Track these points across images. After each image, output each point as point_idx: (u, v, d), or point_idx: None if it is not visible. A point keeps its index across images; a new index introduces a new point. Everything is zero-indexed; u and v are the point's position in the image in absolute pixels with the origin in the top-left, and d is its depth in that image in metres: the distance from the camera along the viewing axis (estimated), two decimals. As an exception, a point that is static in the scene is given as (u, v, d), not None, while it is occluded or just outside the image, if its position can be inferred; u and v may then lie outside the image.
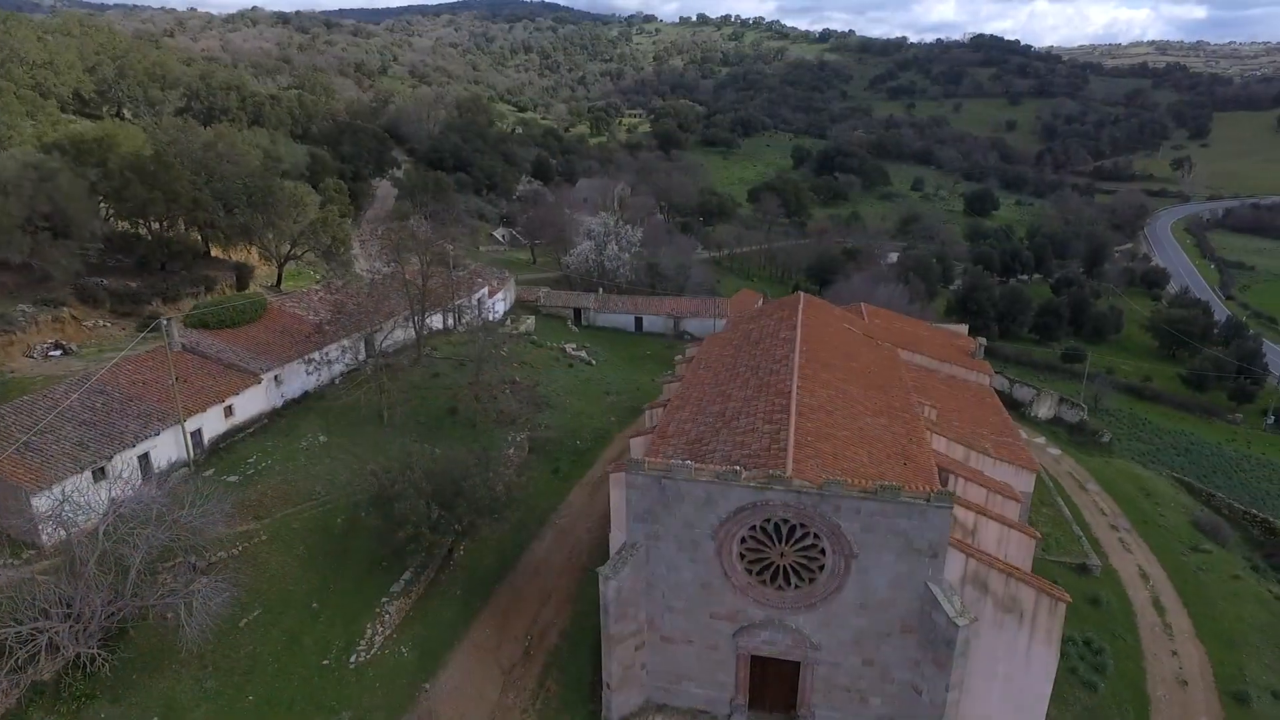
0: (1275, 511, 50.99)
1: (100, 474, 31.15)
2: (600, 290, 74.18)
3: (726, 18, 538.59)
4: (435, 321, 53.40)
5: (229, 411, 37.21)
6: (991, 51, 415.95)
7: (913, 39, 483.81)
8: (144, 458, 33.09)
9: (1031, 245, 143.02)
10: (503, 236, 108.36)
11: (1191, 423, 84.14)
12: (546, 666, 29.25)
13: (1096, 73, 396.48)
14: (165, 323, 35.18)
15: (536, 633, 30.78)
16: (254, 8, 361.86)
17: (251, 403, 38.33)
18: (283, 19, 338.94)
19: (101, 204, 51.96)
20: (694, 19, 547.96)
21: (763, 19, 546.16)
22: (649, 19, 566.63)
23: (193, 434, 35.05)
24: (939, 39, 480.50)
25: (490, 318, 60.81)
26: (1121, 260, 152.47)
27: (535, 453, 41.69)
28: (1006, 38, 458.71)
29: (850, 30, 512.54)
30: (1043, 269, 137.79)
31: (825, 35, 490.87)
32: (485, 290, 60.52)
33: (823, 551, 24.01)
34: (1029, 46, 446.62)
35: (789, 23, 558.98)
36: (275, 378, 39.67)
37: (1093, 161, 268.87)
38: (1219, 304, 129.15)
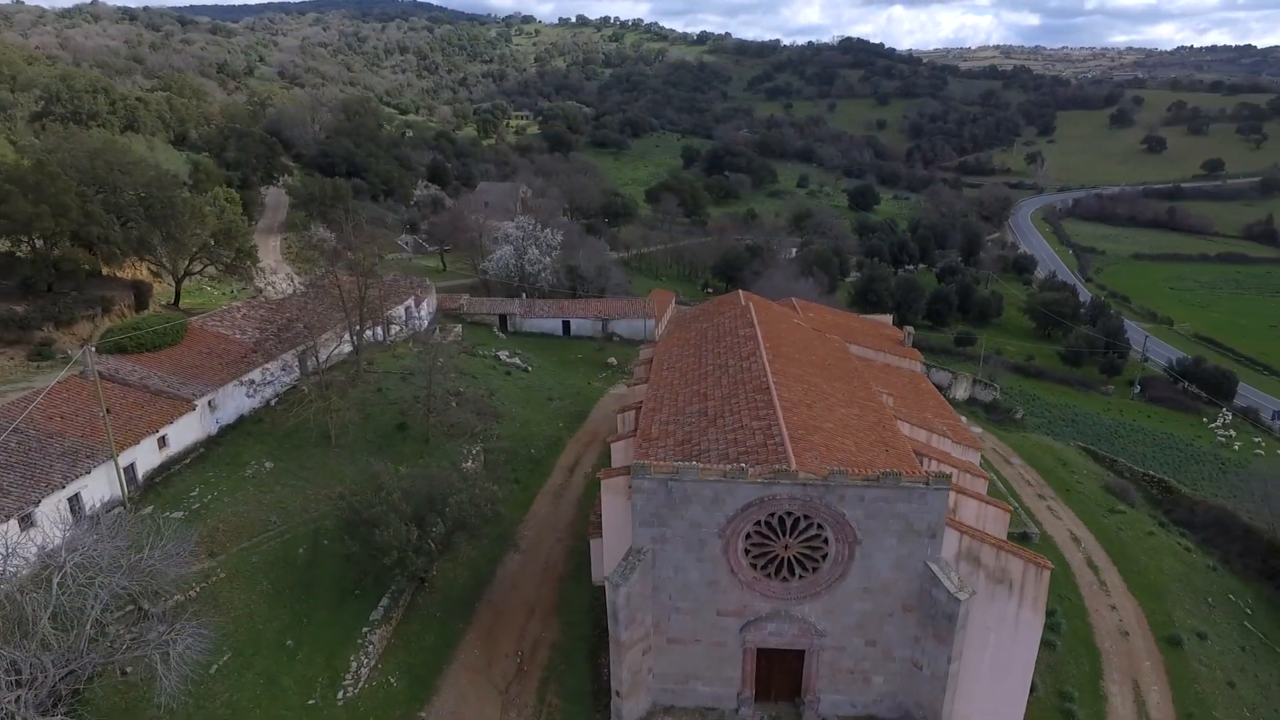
0: (1164, 472, 56.50)
1: (28, 521, 28.05)
2: (524, 295, 73.14)
3: (606, 19, 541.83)
4: (366, 334, 51.09)
5: (163, 442, 34.33)
6: (859, 54, 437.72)
7: (785, 42, 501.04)
8: (74, 499, 30.04)
9: (915, 237, 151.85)
10: (407, 243, 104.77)
11: (1072, 395, 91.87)
12: (544, 680, 28.70)
13: (954, 74, 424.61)
14: (87, 350, 31.97)
15: (527, 647, 30.13)
16: (94, 2, 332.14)
17: (186, 431, 35.50)
18: (129, 15, 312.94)
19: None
20: (573, 20, 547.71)
21: (641, 21, 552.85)
22: (527, 19, 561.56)
23: (125, 469, 32.12)
24: (810, 42, 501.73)
25: (418, 327, 58.85)
26: (994, 249, 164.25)
27: (491, 464, 40.70)
28: (871, 41, 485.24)
29: (726, 33, 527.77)
30: (927, 259, 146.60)
31: (703, 37, 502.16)
32: (411, 300, 58.43)
33: (825, 541, 24.75)
34: (892, 49, 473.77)
35: (666, 24, 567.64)
36: (209, 403, 36.88)
37: (957, 157, 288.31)
38: (1081, 286, 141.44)
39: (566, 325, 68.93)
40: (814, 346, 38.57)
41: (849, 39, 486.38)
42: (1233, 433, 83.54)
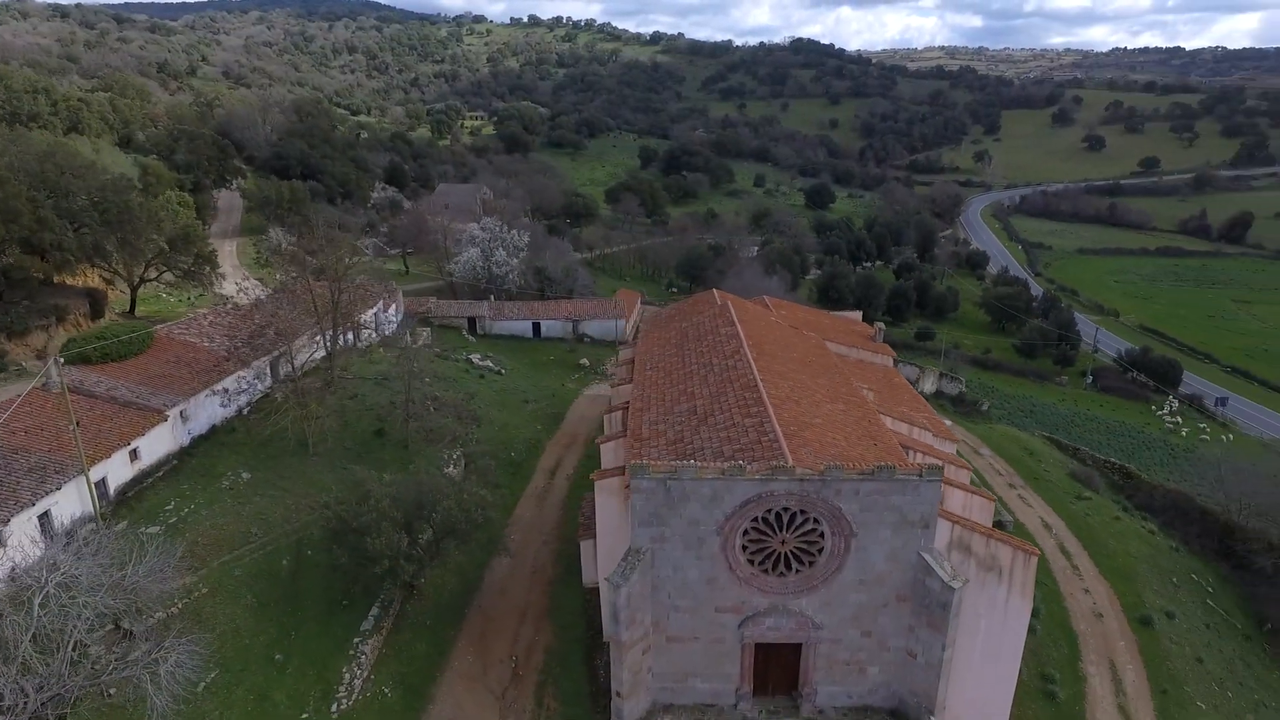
0: (1119, 459, 58.57)
1: (-3, 541, 26.87)
2: (492, 297, 72.54)
3: (558, 19, 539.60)
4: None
5: (134, 455, 33.19)
6: (810, 55, 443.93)
7: (737, 42, 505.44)
8: (44, 517, 28.88)
9: (871, 235, 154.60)
10: (367, 247, 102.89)
11: (1028, 387, 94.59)
12: (540, 685, 28.56)
13: (902, 75, 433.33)
14: (55, 361, 30.71)
15: (521, 652, 29.95)
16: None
17: (158, 443, 34.38)
18: (60, 12, 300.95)
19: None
20: (525, 20, 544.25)
21: (594, 21, 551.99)
22: (479, 19, 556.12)
23: (96, 484, 30.97)
24: (761, 42, 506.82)
25: (387, 332, 57.95)
26: (947, 245, 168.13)
27: (480, 469, 40.31)
28: (821, 41, 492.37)
29: (679, 33, 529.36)
30: (884, 256, 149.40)
31: (656, 37, 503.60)
32: (380, 303, 57.45)
33: (821, 535, 25.11)
34: (842, 50, 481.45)
35: (619, 25, 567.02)
36: (181, 413, 35.77)
37: (908, 156, 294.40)
38: (1032, 281, 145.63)
39: (537, 327, 68.55)
40: (794, 344, 39.06)
41: (800, 39, 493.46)
42: (1179, 420, 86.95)
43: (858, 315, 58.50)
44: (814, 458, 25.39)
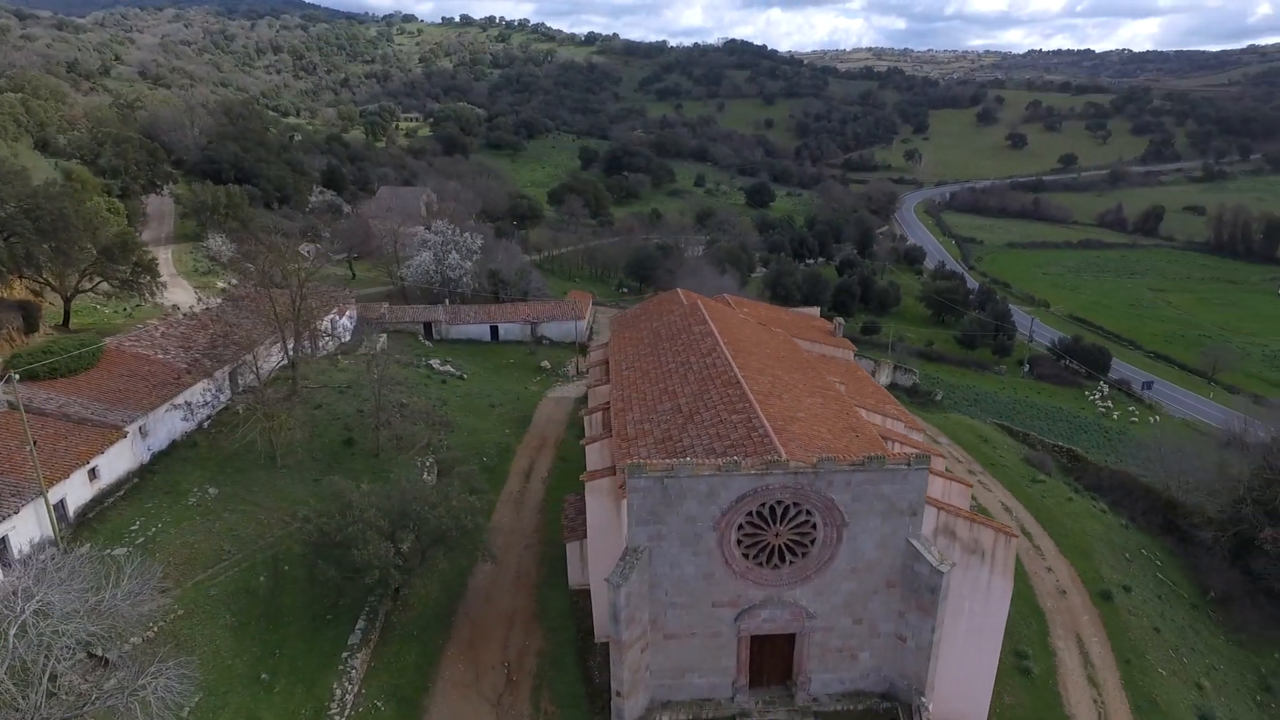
0: (1070, 442, 61.37)
1: (-48, 571, 25.35)
2: (446, 301, 71.49)
3: (491, 19, 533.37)
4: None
5: (94, 474, 31.68)
6: (744, 55, 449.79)
7: (672, 43, 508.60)
8: (1, 543, 27.33)
9: (813, 232, 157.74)
10: (309, 252, 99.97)
11: (970, 376, 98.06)
12: (535, 688, 28.42)
13: (833, 75, 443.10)
14: (10, 378, 28.96)
15: (513, 658, 29.71)
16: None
17: (118, 461, 32.88)
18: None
19: None
20: (457, 20, 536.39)
21: (527, 21, 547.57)
22: (409, 18, 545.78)
23: (55, 506, 29.45)
24: (696, 43, 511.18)
25: (343, 339, 56.64)
26: (885, 241, 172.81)
27: (445, 475, 39.74)
28: (754, 43, 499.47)
29: (614, 34, 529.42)
30: (825, 253, 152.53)
31: (591, 38, 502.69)
32: (335, 310, 56.04)
33: (814, 526, 25.66)
34: (774, 51, 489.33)
35: (552, 25, 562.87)
36: (140, 429, 34.26)
37: (842, 154, 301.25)
38: (967, 275, 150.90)
39: (495, 330, 67.87)
40: (765, 340, 39.72)
41: (733, 41, 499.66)
42: (1110, 404, 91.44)
43: (816, 311, 59.73)
44: (804, 451, 25.94)
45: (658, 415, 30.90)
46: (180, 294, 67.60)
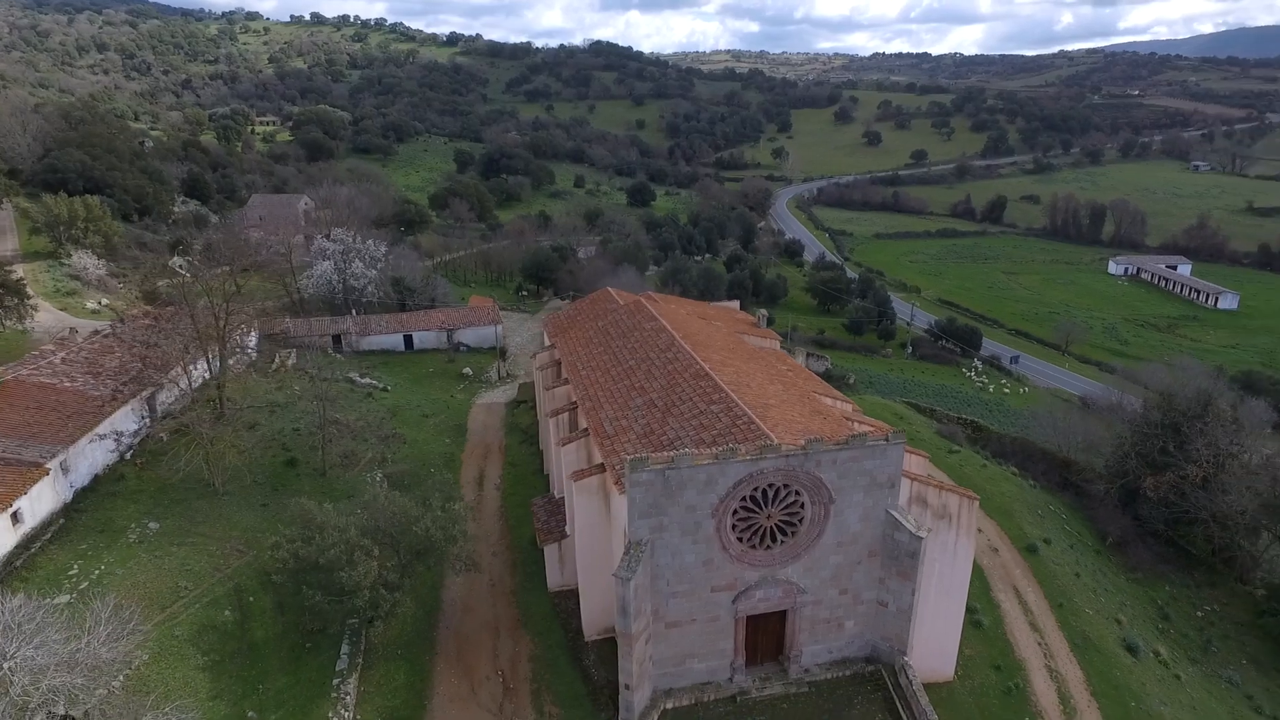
0: (969, 414, 66.55)
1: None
2: (353, 311, 68.53)
3: (345, 17, 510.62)
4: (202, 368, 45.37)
5: (16, 518, 28.52)
6: (610, 57, 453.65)
7: (537, 44, 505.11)
8: (-77, 602, 24.17)
9: (698, 229, 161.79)
10: (182, 266, 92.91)
11: (861, 360, 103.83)
12: (535, 692, 28.26)
13: (698, 77, 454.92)
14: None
15: (505, 666, 29.37)
16: None
17: (40, 502, 29.73)
18: None
19: None
20: (307, 18, 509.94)
21: (384, 20, 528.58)
22: (252, 16, 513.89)
23: (-22, 557, 26.40)
24: (562, 44, 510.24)
25: (251, 354, 53.30)
26: (766, 236, 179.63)
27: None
28: (618, 44, 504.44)
29: (477, 34, 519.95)
30: (712, 249, 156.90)
31: (454, 38, 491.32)
32: (241, 326, 52.52)
33: (802, 505, 26.96)
34: (640, 53, 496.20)
35: (410, 24, 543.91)
36: (61, 465, 31.10)
37: (713, 154, 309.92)
38: (844, 265, 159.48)
39: (409, 339, 65.71)
40: (712, 334, 40.91)
41: (599, 42, 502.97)
42: (985, 379, 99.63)
43: (736, 305, 61.67)
44: (788, 434, 27.17)
45: (633, 411, 31.34)
46: (45, 317, 61.24)
